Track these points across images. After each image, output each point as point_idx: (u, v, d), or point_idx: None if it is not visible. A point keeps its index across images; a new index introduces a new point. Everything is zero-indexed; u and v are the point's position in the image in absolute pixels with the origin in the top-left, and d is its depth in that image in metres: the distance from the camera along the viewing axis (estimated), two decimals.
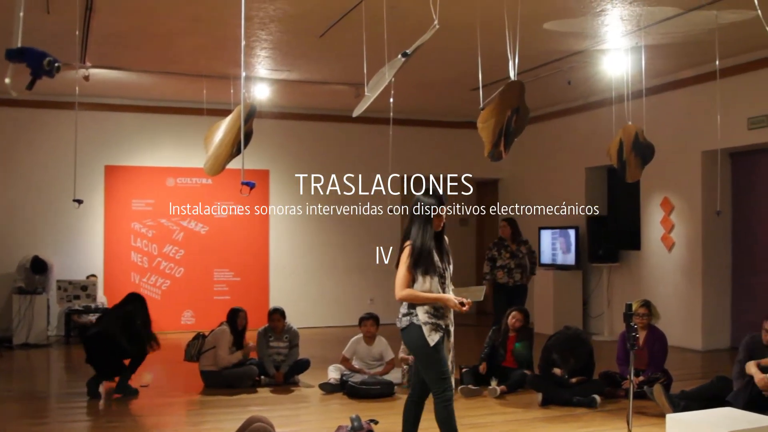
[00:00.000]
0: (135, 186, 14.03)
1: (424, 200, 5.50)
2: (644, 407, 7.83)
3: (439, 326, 5.35)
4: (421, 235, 5.41)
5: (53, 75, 3.14)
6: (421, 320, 5.31)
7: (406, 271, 5.37)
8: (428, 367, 5.40)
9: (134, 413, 8.07)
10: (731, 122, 10.61)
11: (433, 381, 5.40)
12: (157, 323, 13.58)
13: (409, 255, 5.37)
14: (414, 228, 5.46)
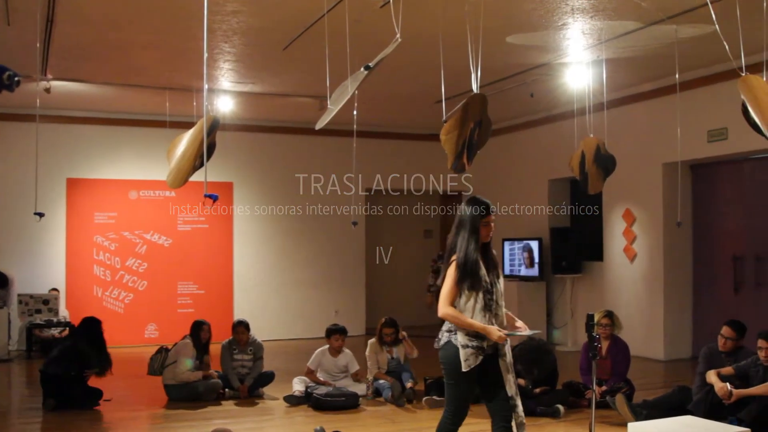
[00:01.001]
0: (97, 199, 13.92)
1: (470, 208, 5.23)
2: (607, 416, 7.90)
3: (481, 349, 5.06)
4: (465, 247, 5.13)
5: (13, 89, 3.14)
6: (459, 342, 5.06)
7: (452, 286, 5.09)
8: (451, 389, 5.20)
9: (97, 427, 8.00)
10: (691, 135, 10.75)
11: (452, 399, 5.22)
12: (120, 337, 13.56)
13: (457, 270, 5.10)
14: (459, 239, 5.18)
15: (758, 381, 6.98)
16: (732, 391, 6.88)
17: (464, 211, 5.24)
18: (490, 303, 5.12)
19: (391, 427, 7.82)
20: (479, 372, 5.10)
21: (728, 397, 6.89)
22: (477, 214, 5.18)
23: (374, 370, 9.47)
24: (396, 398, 8.83)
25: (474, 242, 5.13)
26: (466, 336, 5.04)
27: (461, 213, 5.25)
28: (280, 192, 15.11)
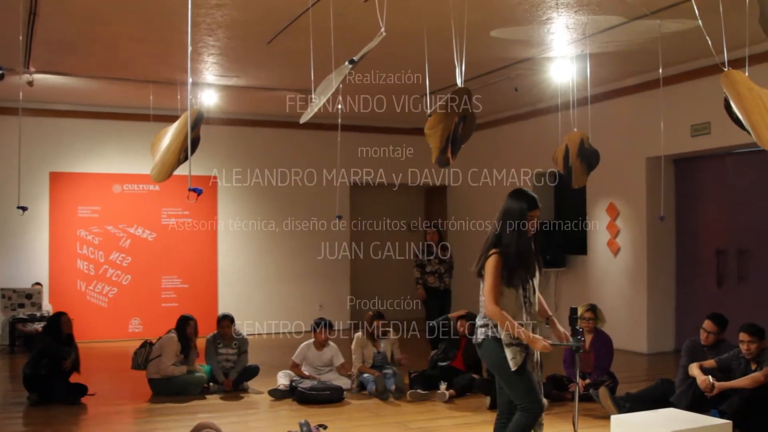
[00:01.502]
0: (81, 193, 13.86)
1: (518, 202, 5.11)
2: (590, 409, 7.94)
3: (522, 345, 4.98)
4: (516, 242, 5.00)
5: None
6: (504, 340, 4.96)
7: (495, 283, 4.96)
8: (512, 385, 5.04)
9: (81, 422, 7.98)
10: (674, 129, 10.80)
11: (521, 394, 5.02)
12: (104, 331, 13.54)
13: (498, 264, 4.97)
14: (505, 234, 5.03)
15: (740, 374, 7.03)
16: (714, 384, 6.93)
17: (511, 204, 5.12)
18: (527, 297, 5.06)
19: (375, 421, 7.84)
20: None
21: (710, 390, 6.93)
22: (526, 207, 5.08)
23: (359, 364, 9.49)
24: (380, 392, 8.84)
25: (524, 236, 5.05)
26: (508, 334, 4.94)
27: (508, 206, 5.13)
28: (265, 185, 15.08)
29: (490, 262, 4.99)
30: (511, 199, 5.15)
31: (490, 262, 4.99)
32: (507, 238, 5.01)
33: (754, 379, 6.82)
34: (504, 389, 5.16)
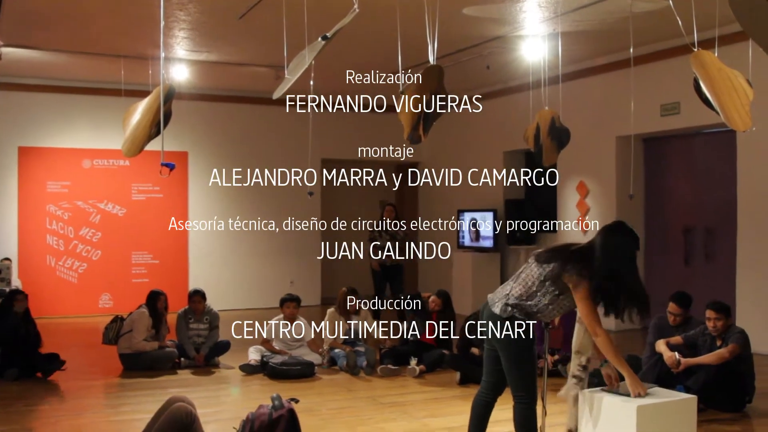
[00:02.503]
0: (50, 168, 13.75)
1: (630, 240, 4.91)
2: (559, 385, 7.95)
3: (583, 380, 4.92)
4: (638, 280, 4.91)
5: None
6: (572, 372, 4.92)
7: (593, 305, 4.83)
8: (518, 365, 4.95)
9: (52, 396, 7.97)
10: (644, 109, 10.89)
11: (518, 380, 4.97)
12: (74, 307, 13.49)
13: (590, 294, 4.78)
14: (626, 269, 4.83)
15: (706, 350, 7.14)
16: (680, 360, 7.03)
17: (624, 242, 4.90)
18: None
19: (346, 395, 7.90)
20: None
21: (676, 366, 7.03)
22: (636, 247, 4.94)
23: (330, 340, 9.54)
24: (351, 367, 8.90)
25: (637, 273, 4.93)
26: (578, 366, 4.87)
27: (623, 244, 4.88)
28: (236, 161, 15.05)
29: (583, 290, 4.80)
30: (624, 237, 4.93)
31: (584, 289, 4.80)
32: (628, 274, 4.86)
33: (720, 355, 6.93)
34: (506, 373, 5.06)
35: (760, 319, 9.87)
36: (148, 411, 5.19)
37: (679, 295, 7.68)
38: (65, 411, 7.36)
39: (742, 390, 7.10)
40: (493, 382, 5.20)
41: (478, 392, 5.33)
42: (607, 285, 4.73)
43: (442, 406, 7.40)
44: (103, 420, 7.05)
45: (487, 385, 5.25)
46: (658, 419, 4.63)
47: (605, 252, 4.76)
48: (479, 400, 5.28)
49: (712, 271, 11.18)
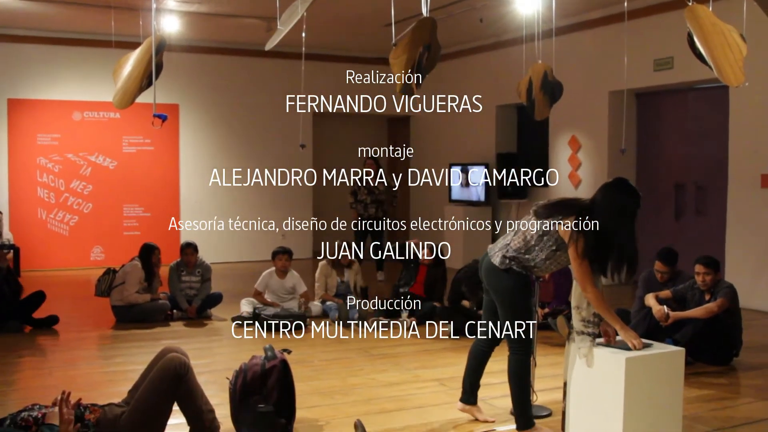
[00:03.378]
0: (40, 120, 13.67)
1: (631, 198, 4.77)
2: (549, 337, 8.11)
3: (594, 335, 4.84)
4: (633, 238, 4.75)
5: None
6: (576, 329, 4.81)
7: (588, 263, 4.71)
8: (514, 316, 4.98)
9: (45, 348, 8.02)
10: (638, 63, 10.86)
11: (521, 340, 5.02)
12: (65, 259, 13.50)
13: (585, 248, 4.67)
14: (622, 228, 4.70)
15: (694, 304, 7.20)
16: (669, 314, 7.09)
17: (624, 201, 4.76)
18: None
19: (338, 347, 7.95)
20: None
21: (665, 320, 7.09)
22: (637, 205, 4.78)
23: (321, 292, 9.59)
24: (343, 320, 8.95)
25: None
26: (582, 322, 4.82)
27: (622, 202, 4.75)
28: (227, 114, 15.00)
29: (580, 245, 4.71)
30: (624, 194, 4.80)
31: (580, 244, 4.71)
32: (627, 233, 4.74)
33: (708, 309, 6.99)
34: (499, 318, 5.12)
35: (749, 274, 9.95)
36: (141, 362, 5.24)
37: (664, 253, 7.69)
38: (58, 362, 7.40)
39: (730, 344, 7.18)
40: (491, 335, 5.27)
41: (475, 341, 5.43)
42: (602, 242, 4.70)
43: (433, 358, 7.46)
44: (96, 371, 7.09)
45: (482, 334, 5.34)
46: (646, 371, 4.68)
47: (604, 209, 4.72)
48: (476, 349, 5.38)
49: (702, 227, 11.23)
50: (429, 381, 6.60)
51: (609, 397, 4.67)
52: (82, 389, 5.67)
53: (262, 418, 4.88)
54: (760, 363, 7.34)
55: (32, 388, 6.47)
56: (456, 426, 5.34)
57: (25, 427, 4.18)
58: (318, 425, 5.32)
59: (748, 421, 5.54)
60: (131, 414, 4.41)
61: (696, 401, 5.97)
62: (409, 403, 5.88)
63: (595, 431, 4.80)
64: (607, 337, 4.89)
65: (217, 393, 5.57)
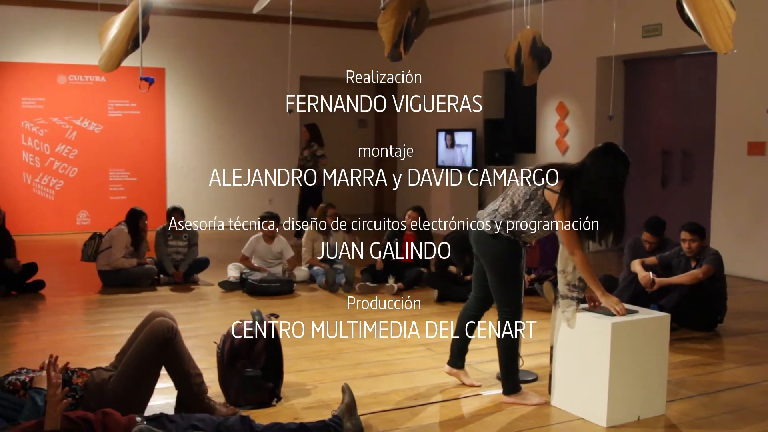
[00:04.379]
0: (24, 83, 13.54)
1: (621, 166, 4.76)
2: (535, 303, 8.14)
3: (578, 300, 4.88)
4: (621, 205, 4.74)
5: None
6: (561, 292, 4.87)
7: (575, 227, 4.71)
8: (503, 281, 5.00)
9: (31, 312, 8.00)
10: (626, 30, 10.83)
11: (503, 296, 5.03)
12: (51, 224, 13.45)
13: (573, 212, 4.68)
14: (611, 194, 4.68)
15: (680, 271, 7.24)
16: (654, 280, 7.13)
17: (614, 166, 4.74)
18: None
19: (325, 312, 7.98)
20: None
21: (651, 286, 7.13)
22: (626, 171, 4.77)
23: (308, 257, 9.60)
24: (330, 285, 8.97)
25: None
26: (567, 286, 4.86)
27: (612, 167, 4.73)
28: (214, 78, 14.90)
29: (567, 209, 4.72)
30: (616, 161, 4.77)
31: (568, 209, 4.72)
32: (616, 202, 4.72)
33: (693, 275, 7.03)
34: (491, 289, 5.13)
35: (734, 241, 10.00)
36: (128, 326, 5.24)
37: (652, 224, 7.71)
38: (45, 326, 7.39)
39: (714, 310, 7.23)
40: (481, 298, 5.32)
41: (465, 306, 5.46)
42: (590, 207, 4.69)
43: (420, 323, 7.48)
44: (83, 335, 7.09)
45: (474, 300, 5.37)
46: (631, 337, 4.72)
47: (594, 174, 4.71)
48: (465, 314, 5.42)
49: (689, 194, 11.28)
50: (416, 346, 6.64)
51: (595, 362, 4.71)
52: (69, 353, 5.67)
53: (249, 382, 4.91)
54: (743, 329, 7.41)
55: (19, 352, 6.47)
56: (443, 390, 5.37)
57: (12, 391, 4.19)
58: (306, 389, 5.35)
59: (731, 386, 5.59)
60: (119, 378, 4.42)
61: (680, 366, 6.02)
62: (396, 368, 5.91)
63: (581, 396, 4.85)
64: (592, 303, 4.92)
65: (205, 357, 5.59)
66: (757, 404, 5.20)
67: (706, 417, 4.92)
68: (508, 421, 4.80)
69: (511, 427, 4.69)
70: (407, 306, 8.30)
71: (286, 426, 4.17)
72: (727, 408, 5.10)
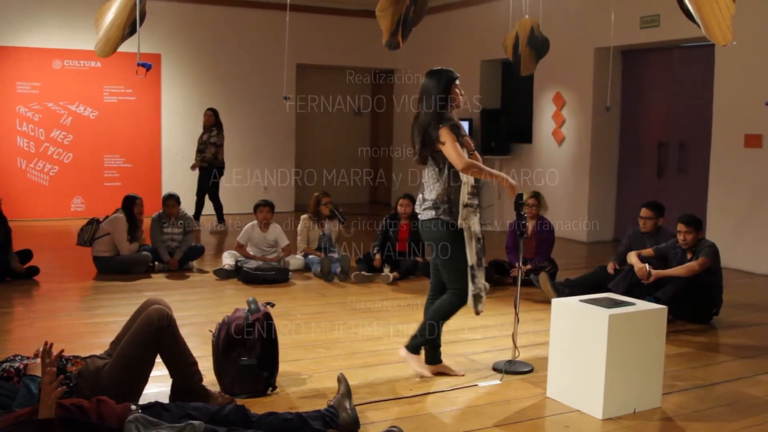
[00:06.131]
0: (19, 68, 13.46)
1: (441, 78, 5.30)
2: (531, 294, 8.14)
3: (474, 206, 5.16)
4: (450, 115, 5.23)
5: None
6: (461, 202, 5.10)
7: (457, 147, 5.05)
8: (449, 261, 5.24)
9: (26, 299, 7.97)
10: (624, 21, 10.81)
11: (451, 274, 5.26)
12: (45, 210, 13.40)
13: (453, 135, 5.08)
14: (445, 110, 5.22)
15: (676, 263, 7.24)
16: (650, 272, 7.13)
17: (437, 81, 5.30)
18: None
19: (321, 300, 7.96)
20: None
21: (647, 277, 7.14)
22: (452, 78, 5.34)
23: (303, 246, 9.58)
24: (325, 273, 8.95)
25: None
26: (469, 194, 5.13)
27: (434, 83, 5.30)
28: (210, 64, 14.84)
29: (445, 135, 5.07)
30: (434, 78, 5.32)
31: (445, 134, 5.07)
32: (447, 113, 5.20)
33: (689, 268, 7.03)
34: (439, 270, 5.38)
35: (730, 233, 10.01)
36: (123, 314, 5.22)
37: (651, 201, 7.93)
38: (40, 313, 7.37)
39: (710, 302, 7.23)
40: (440, 288, 5.49)
41: (427, 298, 5.64)
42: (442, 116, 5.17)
43: (415, 313, 7.47)
44: (78, 322, 7.07)
45: (433, 290, 5.59)
46: (628, 328, 4.71)
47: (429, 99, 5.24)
48: (428, 304, 5.60)
49: (685, 185, 11.27)
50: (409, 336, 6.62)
51: (591, 354, 4.71)
52: (63, 341, 5.65)
53: (244, 371, 4.90)
54: (739, 321, 7.41)
55: (13, 339, 6.44)
56: (438, 380, 5.36)
57: (6, 378, 4.17)
58: (301, 378, 5.33)
59: (726, 378, 5.59)
60: (113, 366, 4.40)
61: (676, 358, 6.02)
62: (391, 357, 5.89)
63: (577, 388, 4.84)
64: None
65: (200, 345, 5.57)
66: (753, 397, 5.20)
67: (701, 409, 4.92)
68: (503, 411, 4.80)
69: (506, 419, 4.68)
70: (402, 295, 8.29)
71: (282, 415, 4.16)
72: (723, 401, 5.10)
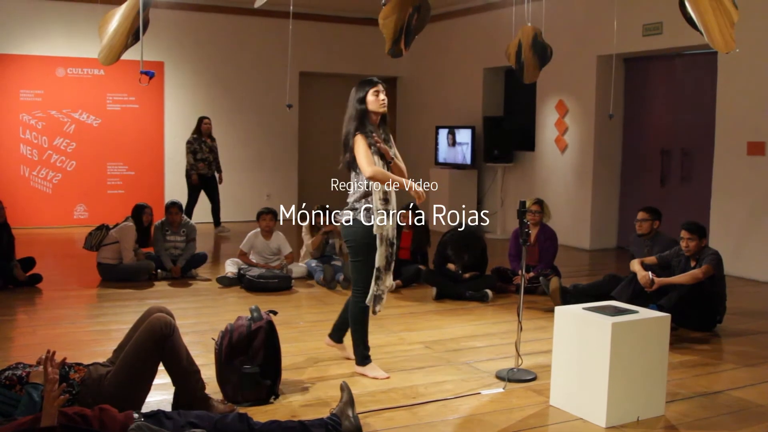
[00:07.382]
0: (23, 76, 13.49)
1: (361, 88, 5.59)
2: (533, 301, 8.14)
3: (389, 212, 5.42)
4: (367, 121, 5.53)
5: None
6: (375, 207, 5.36)
7: (368, 154, 5.35)
8: (357, 268, 5.50)
9: (28, 306, 7.97)
10: (627, 28, 10.81)
11: (360, 279, 5.50)
12: (48, 218, 13.42)
13: (364, 142, 5.40)
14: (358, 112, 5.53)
15: (680, 271, 7.23)
16: (654, 280, 7.12)
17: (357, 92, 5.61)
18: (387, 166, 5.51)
19: (323, 308, 7.95)
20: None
21: (650, 285, 7.12)
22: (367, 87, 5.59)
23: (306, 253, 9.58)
24: (328, 281, 8.94)
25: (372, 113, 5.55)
26: (381, 200, 5.37)
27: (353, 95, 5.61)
28: (213, 72, 14.86)
29: (357, 142, 5.37)
30: (354, 87, 5.66)
31: (357, 141, 5.37)
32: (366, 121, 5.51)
33: (693, 276, 7.01)
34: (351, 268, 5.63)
35: (733, 241, 9.99)
36: (126, 321, 5.22)
37: (647, 206, 7.99)
38: (42, 320, 7.36)
39: (713, 310, 7.21)
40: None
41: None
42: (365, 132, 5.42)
43: (418, 321, 7.47)
44: (80, 330, 7.05)
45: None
46: (631, 336, 4.70)
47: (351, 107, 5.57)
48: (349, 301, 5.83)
49: (688, 193, 11.26)
50: (414, 344, 6.61)
51: (594, 362, 4.70)
52: (66, 348, 5.65)
53: (247, 379, 4.89)
54: (742, 329, 7.39)
55: (16, 347, 6.44)
56: (441, 389, 5.35)
57: (9, 386, 4.17)
58: (304, 387, 5.33)
59: (730, 386, 5.58)
60: (116, 374, 4.40)
61: (679, 367, 6.01)
62: (394, 366, 5.88)
63: (580, 396, 4.83)
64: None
65: (203, 353, 5.57)
66: (757, 405, 5.18)
67: (705, 418, 4.90)
68: (506, 420, 4.78)
69: (509, 427, 4.67)
70: (406, 303, 8.29)
71: (285, 424, 4.15)
72: (727, 409, 5.09)
